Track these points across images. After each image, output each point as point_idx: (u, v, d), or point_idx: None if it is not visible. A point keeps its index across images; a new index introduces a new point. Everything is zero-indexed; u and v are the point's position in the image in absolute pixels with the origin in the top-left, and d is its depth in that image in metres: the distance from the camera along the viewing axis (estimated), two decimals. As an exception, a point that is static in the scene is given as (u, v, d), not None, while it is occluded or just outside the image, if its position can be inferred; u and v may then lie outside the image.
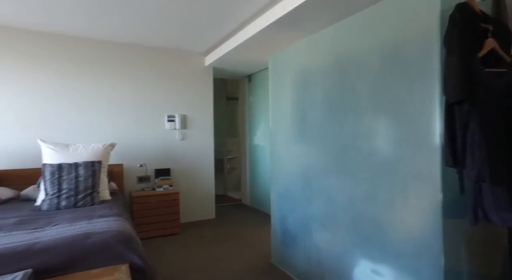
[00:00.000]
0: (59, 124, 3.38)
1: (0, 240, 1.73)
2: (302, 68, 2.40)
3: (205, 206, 4.21)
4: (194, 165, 4.12)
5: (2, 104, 3.14)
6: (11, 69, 3.17)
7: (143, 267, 1.78)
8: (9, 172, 3.05)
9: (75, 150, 2.84)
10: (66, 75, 3.41)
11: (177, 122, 3.96)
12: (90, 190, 2.64)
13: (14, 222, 2.08)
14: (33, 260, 1.58)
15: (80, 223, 2.05)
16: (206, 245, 3.24)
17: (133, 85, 3.75)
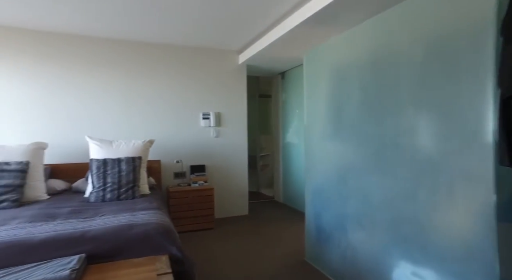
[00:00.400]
0: (105, 122, 3.60)
1: (58, 227, 1.89)
2: (338, 64, 2.34)
3: (238, 203, 4.27)
4: (228, 162, 4.20)
5: (56, 104, 3.41)
6: (64, 72, 3.43)
7: (182, 259, 1.85)
8: (62, 166, 3.31)
9: (118, 146, 3.01)
10: (110, 77, 3.62)
11: (211, 120, 4.05)
12: (131, 184, 2.79)
13: (68, 211, 2.26)
14: (86, 246, 1.71)
15: (123, 215, 2.18)
16: (239, 240, 3.30)
17: (170, 84, 3.89)
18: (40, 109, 3.36)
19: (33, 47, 3.33)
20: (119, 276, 1.56)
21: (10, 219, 2.07)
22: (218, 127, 4.14)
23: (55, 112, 3.42)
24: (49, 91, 3.39)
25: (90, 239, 1.76)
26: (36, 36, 3.34)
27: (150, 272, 1.60)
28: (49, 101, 3.40)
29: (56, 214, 2.21)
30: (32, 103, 3.34)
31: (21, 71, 3.29)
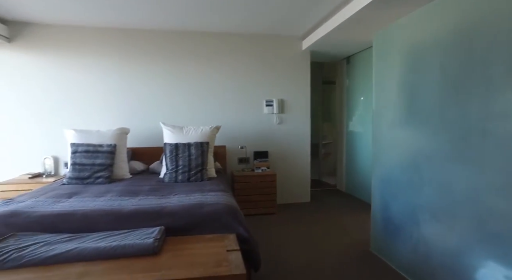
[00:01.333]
0: (176, 109, 3.90)
1: (141, 202, 2.14)
2: (414, 43, 2.15)
3: (300, 190, 4.28)
4: (290, 149, 4.21)
5: (135, 94, 3.79)
6: (142, 65, 3.79)
7: (248, 238, 1.94)
8: (140, 149, 3.70)
9: (187, 132, 3.24)
10: (182, 67, 3.88)
11: (275, 107, 4.09)
12: (200, 167, 2.99)
13: (148, 189, 2.54)
14: (164, 220, 1.90)
15: (194, 195, 2.36)
16: (301, 227, 3.32)
17: (235, 72, 4.01)
18: (123, 99, 3.78)
19: (116, 43, 3.73)
20: (193, 248, 1.70)
21: (105, 192, 2.41)
22: (281, 114, 4.16)
23: (135, 101, 3.81)
24: (130, 82, 3.79)
25: (167, 214, 1.96)
26: (118, 34, 3.73)
27: (220, 248, 1.71)
28: (130, 91, 3.79)
29: (138, 191, 2.50)
30: (117, 94, 3.77)
31: (107, 66, 3.73)
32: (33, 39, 3.58)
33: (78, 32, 3.65)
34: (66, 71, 3.67)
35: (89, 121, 3.71)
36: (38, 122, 3.64)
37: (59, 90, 3.67)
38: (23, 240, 1.63)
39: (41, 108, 3.65)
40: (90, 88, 3.72)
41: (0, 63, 3.55)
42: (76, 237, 1.71)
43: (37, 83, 3.63)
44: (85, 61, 3.69)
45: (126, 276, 1.40)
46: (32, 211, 1.91)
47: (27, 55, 3.59)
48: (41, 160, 3.62)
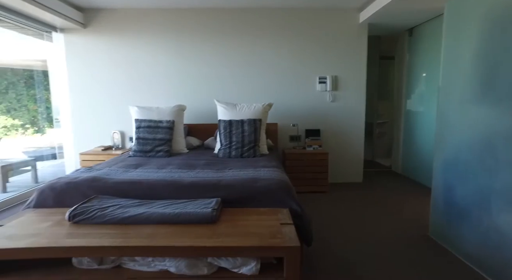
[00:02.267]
0: (230, 86, 3.98)
1: (198, 174, 2.27)
2: (498, 8, 1.88)
3: (353, 169, 4.17)
4: (343, 128, 4.08)
5: (191, 72, 3.94)
6: (197, 43, 3.89)
7: (301, 214, 1.97)
8: (196, 126, 3.88)
9: (241, 109, 3.30)
10: (235, 45, 3.91)
11: (328, 84, 3.95)
12: (252, 143, 3.05)
13: (204, 163, 2.68)
14: (220, 192, 2.00)
15: (248, 170, 2.43)
16: (353, 207, 3.26)
17: (288, 49, 3.93)
18: (180, 77, 3.96)
19: (173, 24, 3.87)
20: (248, 220, 1.78)
21: (166, 165, 2.60)
22: (334, 91, 4.02)
23: (190, 79, 3.96)
24: (186, 61, 3.94)
25: (223, 187, 2.05)
26: (175, 14, 3.85)
27: (274, 221, 1.76)
28: (186, 70, 3.95)
29: (195, 164, 2.65)
30: (174, 72, 3.95)
31: (166, 46, 3.91)
32: (103, 24, 3.88)
33: (140, 15, 3.85)
34: (129, 52, 3.93)
35: (151, 98, 3.97)
36: (108, 99, 4.01)
37: (124, 69, 3.96)
38: (103, 202, 1.85)
39: (110, 86, 3.99)
40: (150, 67, 3.95)
41: (77, 46, 3.93)
42: (144, 203, 1.89)
43: (106, 63, 3.95)
44: (145, 42, 3.91)
45: (188, 240, 1.52)
46: (108, 178, 2.14)
47: (99, 38, 3.91)
48: (110, 134, 4.01)
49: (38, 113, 11.93)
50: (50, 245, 1.48)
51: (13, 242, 1.51)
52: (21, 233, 1.60)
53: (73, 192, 2.04)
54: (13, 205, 3.35)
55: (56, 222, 1.74)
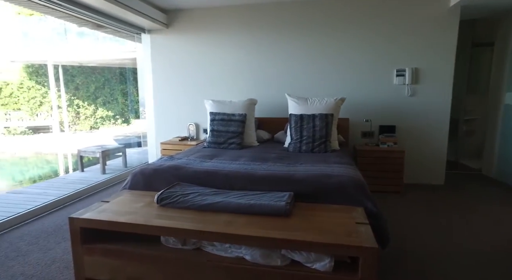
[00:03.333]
0: (301, 80, 3.95)
1: (271, 167, 2.32)
2: None
3: (433, 170, 3.80)
4: (423, 124, 3.73)
5: (262, 66, 4.02)
6: (268, 38, 3.94)
7: (376, 213, 1.88)
8: (266, 119, 3.96)
9: (312, 103, 3.25)
10: (307, 38, 3.85)
11: (407, 77, 3.64)
12: (324, 139, 2.99)
13: (274, 157, 2.72)
14: (292, 186, 2.02)
15: (320, 165, 2.39)
16: (433, 211, 2.98)
17: (363, 39, 3.73)
18: (251, 71, 4.07)
19: (245, 20, 3.97)
20: (321, 216, 1.77)
21: (238, 157, 2.72)
22: (414, 85, 3.69)
23: (262, 73, 4.04)
24: (257, 56, 4.02)
25: (296, 181, 2.06)
26: (247, 10, 3.94)
27: (348, 219, 1.72)
28: (257, 64, 4.04)
29: (266, 158, 2.71)
30: (246, 67, 4.07)
31: (237, 42, 4.04)
32: (183, 23, 4.19)
33: (215, 14, 4.05)
34: (206, 49, 4.17)
35: (224, 93, 4.17)
36: (186, 94, 4.33)
37: (201, 65, 4.22)
38: (185, 188, 2.03)
39: (188, 81, 4.31)
40: (224, 62, 4.14)
41: (160, 45, 4.33)
42: (220, 192, 2.02)
43: (185, 60, 4.27)
44: (220, 38, 4.10)
45: (263, 230, 1.58)
46: (188, 167, 2.33)
47: (179, 37, 4.24)
48: (187, 126, 4.33)
49: (126, 106, 13.51)
50: (144, 223, 1.68)
51: (117, 217, 1.75)
52: (122, 210, 1.85)
53: (159, 178, 2.27)
54: (110, 185, 3.88)
55: (147, 203, 1.97)
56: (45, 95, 11.71)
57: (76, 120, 12.00)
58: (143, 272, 1.73)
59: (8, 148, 9.02)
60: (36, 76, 11.65)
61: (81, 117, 12.11)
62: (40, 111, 11.78)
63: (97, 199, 3.28)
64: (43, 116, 11.78)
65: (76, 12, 3.28)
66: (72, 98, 11.70)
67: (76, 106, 11.88)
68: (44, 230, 2.58)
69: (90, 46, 9.40)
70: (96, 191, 3.63)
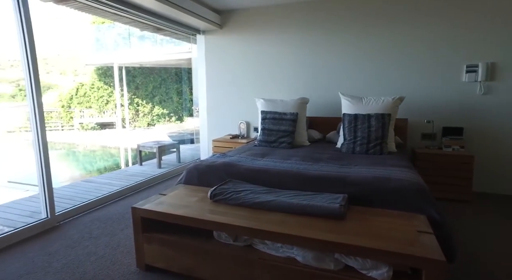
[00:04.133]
0: (355, 79, 3.78)
1: (323, 168, 2.26)
2: None
3: (509, 179, 3.37)
4: (498, 127, 3.32)
5: (317, 65, 3.93)
6: (319, 35, 3.84)
7: (441, 223, 1.72)
8: (317, 119, 3.87)
9: (367, 103, 3.09)
10: (360, 35, 3.67)
11: (480, 73, 3.27)
12: (379, 140, 2.83)
13: (327, 157, 2.65)
14: (346, 188, 1.94)
15: (375, 168, 2.26)
16: (509, 225, 2.64)
17: (426, 32, 3.43)
18: (303, 70, 4.00)
19: (296, 17, 3.91)
20: (379, 221, 1.66)
21: (290, 156, 2.69)
22: (489, 82, 3.30)
23: (313, 72, 3.95)
24: (309, 54, 3.94)
25: (350, 183, 1.98)
26: (299, 8, 3.88)
27: (408, 227, 1.60)
28: (309, 62, 3.96)
29: (318, 158, 2.64)
30: (297, 65, 4.02)
31: (290, 39, 4.00)
32: (236, 23, 4.27)
33: (267, 12, 4.06)
34: (257, 48, 4.20)
35: (275, 91, 4.16)
36: (237, 92, 4.42)
37: (252, 64, 4.27)
38: (237, 185, 2.06)
39: (239, 80, 4.39)
40: (276, 61, 4.13)
41: (214, 45, 4.47)
42: (272, 191, 2.01)
43: (237, 60, 4.35)
44: (272, 37, 4.10)
45: (317, 232, 1.53)
46: (240, 164, 2.37)
47: (231, 37, 4.33)
48: (237, 124, 4.41)
49: (180, 104, 14.25)
50: (198, 217, 1.74)
51: (173, 209, 1.84)
52: (177, 203, 1.94)
53: (212, 174, 2.34)
54: (165, 179, 4.12)
55: (201, 198, 2.04)
56: (111, 94, 12.87)
57: (135, 117, 12.99)
58: (196, 264, 1.79)
59: (81, 142, 10.10)
60: (104, 77, 12.86)
61: (140, 114, 13.08)
62: (106, 109, 12.98)
63: (155, 191, 3.50)
64: (109, 113, 12.97)
65: (139, 17, 3.53)
66: (132, 97, 12.69)
67: (136, 104, 12.87)
68: (110, 217, 2.82)
69: (149, 48, 10.08)
70: (153, 184, 3.88)
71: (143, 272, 1.94)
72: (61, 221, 2.71)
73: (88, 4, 3.07)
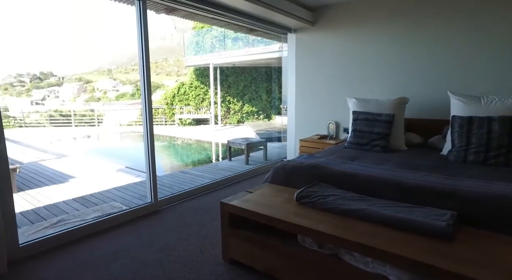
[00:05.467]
0: (469, 75, 3.21)
1: (425, 178, 1.97)
2: None
3: None
4: None
5: (420, 60, 3.49)
6: (423, 30, 3.38)
7: None
8: (416, 121, 3.43)
9: (488, 103, 2.58)
10: (471, 20, 3.08)
11: None
12: (504, 149, 2.33)
13: (429, 165, 2.31)
14: (455, 204, 1.65)
15: (497, 182, 1.86)
16: None
17: None
18: (401, 66, 3.59)
19: (394, 8, 3.51)
20: (505, 251, 1.35)
21: (383, 161, 2.45)
22: None
23: (414, 68, 3.51)
24: (410, 49, 3.50)
25: (461, 199, 1.67)
26: (399, 1, 3.48)
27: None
28: (410, 57, 3.53)
29: (418, 165, 2.32)
30: (395, 61, 3.63)
31: (387, 33, 3.63)
32: (328, 20, 4.11)
33: (362, 5, 3.77)
34: (350, 45, 3.95)
35: (368, 90, 3.86)
36: (328, 91, 4.26)
37: (343, 62, 4.05)
38: (324, 189, 1.97)
39: (329, 79, 4.22)
40: (369, 58, 3.82)
41: (305, 43, 4.40)
42: (363, 198, 1.85)
43: (328, 57, 4.19)
44: (366, 33, 3.79)
45: (417, 252, 1.33)
46: (327, 167, 2.26)
47: (323, 34, 4.19)
48: (326, 124, 4.25)
49: (268, 102, 14.65)
50: (283, 219, 1.71)
51: (259, 208, 1.87)
52: (263, 202, 1.96)
53: (298, 175, 2.29)
54: (252, 176, 4.26)
55: (286, 199, 2.01)
56: (206, 93, 14.06)
57: (227, 114, 13.89)
58: (278, 265, 1.78)
59: (180, 135, 11.36)
60: (201, 77, 14.12)
61: (231, 112, 13.93)
62: (202, 106, 14.25)
63: (242, 187, 3.64)
64: (203, 110, 14.20)
65: (234, 19, 3.70)
66: (225, 95, 13.59)
67: (227, 102, 13.75)
68: (201, 207, 3.05)
69: (242, 49, 10.59)
70: (241, 180, 4.05)
71: (228, 264, 2.03)
72: (162, 206, 3.06)
73: (192, 12, 3.37)
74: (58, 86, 53.14)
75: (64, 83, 55.67)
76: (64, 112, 17.94)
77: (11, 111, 19.54)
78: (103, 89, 50.82)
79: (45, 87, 54.63)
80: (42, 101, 45.45)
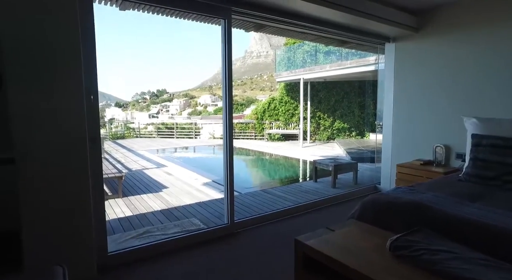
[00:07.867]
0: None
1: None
2: None
3: None
4: None
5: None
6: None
7: None
8: None
9: None
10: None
11: None
12: None
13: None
14: None
15: None
16: None
17: None
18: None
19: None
20: None
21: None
22: None
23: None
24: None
25: None
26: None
27: None
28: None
29: None
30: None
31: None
32: (438, 24, 3.45)
33: (486, 3, 3.02)
34: (466, 53, 3.21)
35: (490, 108, 3.04)
36: (434, 108, 3.55)
37: (454, 73, 3.31)
38: (431, 240, 1.48)
39: (436, 94, 3.51)
40: (498, 70, 3.00)
41: (406, 53, 3.81)
42: (494, 264, 1.30)
43: (434, 69, 3.51)
44: (489, 37, 3.01)
45: None
46: (436, 208, 1.74)
47: (429, 41, 3.54)
48: (432, 147, 3.52)
49: (362, 118, 13.68)
50: (370, 276, 1.33)
51: (339, 255, 1.52)
52: (346, 247, 1.59)
53: (393, 214, 1.84)
54: (338, 202, 3.82)
55: (376, 245, 1.60)
56: (296, 108, 13.95)
57: (316, 130, 13.45)
58: None
59: (267, 151, 11.45)
60: (291, 92, 14.12)
61: (321, 128, 13.43)
62: (291, 122, 14.17)
63: (324, 216, 3.27)
64: (292, 126, 14.09)
65: (324, 32, 3.44)
66: (315, 111, 13.21)
67: (317, 118, 13.32)
68: (279, 235, 2.81)
69: (333, 62, 10.16)
70: (325, 206, 3.65)
71: (301, 313, 1.72)
72: (238, 229, 2.94)
73: (280, 27, 3.26)
74: (169, 101, 61.72)
75: (173, 98, 64.15)
76: (169, 124, 20.39)
77: (134, 123, 23.30)
78: (204, 104, 56.51)
79: (160, 102, 64.08)
80: (157, 114, 53.40)
